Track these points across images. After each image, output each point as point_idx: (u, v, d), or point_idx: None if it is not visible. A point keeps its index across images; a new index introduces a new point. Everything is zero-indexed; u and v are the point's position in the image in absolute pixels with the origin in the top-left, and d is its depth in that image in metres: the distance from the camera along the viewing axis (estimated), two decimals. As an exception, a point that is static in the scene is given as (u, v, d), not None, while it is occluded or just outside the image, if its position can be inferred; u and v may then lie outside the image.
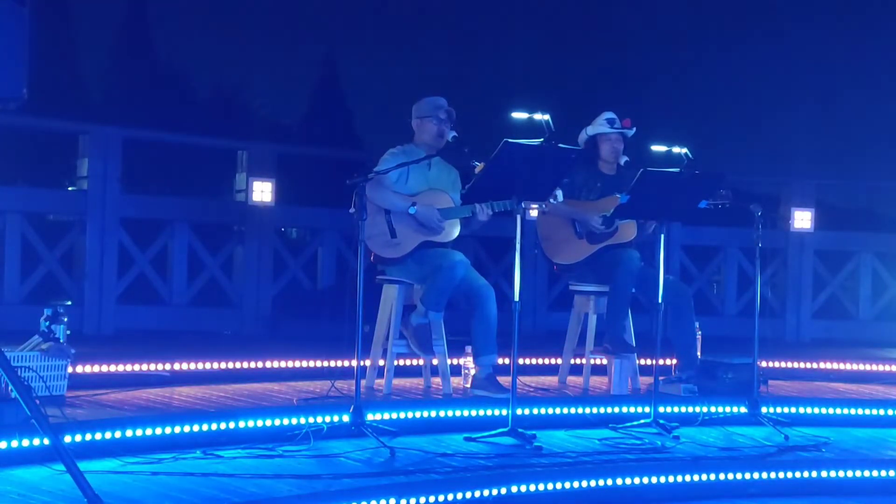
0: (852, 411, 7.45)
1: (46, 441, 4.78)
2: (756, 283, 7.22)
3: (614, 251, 7.34)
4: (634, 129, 7.47)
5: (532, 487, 5.52)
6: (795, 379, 8.43)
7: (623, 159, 7.45)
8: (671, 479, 5.93)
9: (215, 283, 9.34)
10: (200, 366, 7.14)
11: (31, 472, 4.95)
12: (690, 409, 7.09)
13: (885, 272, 10.92)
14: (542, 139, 6.12)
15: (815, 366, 8.79)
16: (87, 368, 6.64)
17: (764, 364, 7.49)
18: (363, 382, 6.25)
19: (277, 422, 5.96)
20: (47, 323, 6.04)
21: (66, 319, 6.11)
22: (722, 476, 6.08)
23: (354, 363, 5.95)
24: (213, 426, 5.78)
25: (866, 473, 6.36)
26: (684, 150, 6.93)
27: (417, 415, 6.43)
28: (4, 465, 5.01)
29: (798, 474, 6.25)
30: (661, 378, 6.84)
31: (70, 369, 6.12)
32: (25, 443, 5.09)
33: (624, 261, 7.26)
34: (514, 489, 5.48)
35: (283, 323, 9.18)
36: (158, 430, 5.59)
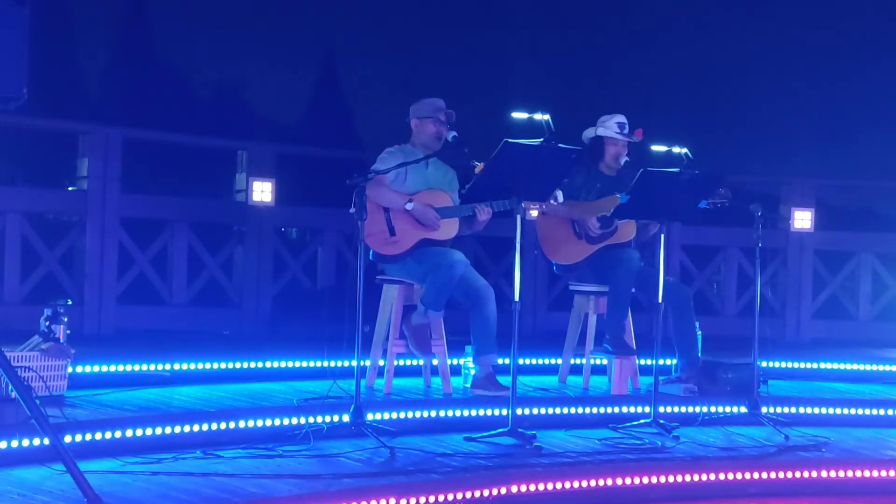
0: (852, 411, 7.46)
1: (46, 441, 4.78)
2: (756, 283, 7.22)
3: (614, 251, 7.35)
4: (643, 139, 7.46)
5: (532, 487, 5.52)
6: (795, 379, 8.43)
7: (623, 160, 7.44)
8: (671, 479, 5.94)
9: (215, 283, 9.32)
10: (200, 366, 7.14)
11: (31, 472, 4.96)
12: (690, 409, 7.09)
13: (885, 272, 10.91)
14: (542, 139, 6.12)
15: (815, 366, 8.79)
16: (87, 368, 6.64)
17: (764, 364, 7.49)
18: (363, 382, 6.25)
19: (277, 422, 5.97)
20: (47, 323, 6.04)
21: (66, 319, 6.11)
22: (722, 476, 6.08)
23: (354, 363, 5.95)
24: (213, 426, 5.79)
25: (866, 473, 6.37)
26: (684, 150, 6.93)
27: (417, 415, 6.43)
28: (4, 465, 5.01)
29: (798, 474, 6.25)
30: (661, 378, 6.84)
31: (70, 369, 6.12)
32: (25, 443, 5.10)
33: (624, 261, 7.26)
34: (514, 489, 5.48)
35: (283, 323, 9.17)
36: (158, 430, 5.60)
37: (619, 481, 5.81)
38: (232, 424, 5.85)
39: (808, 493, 6.23)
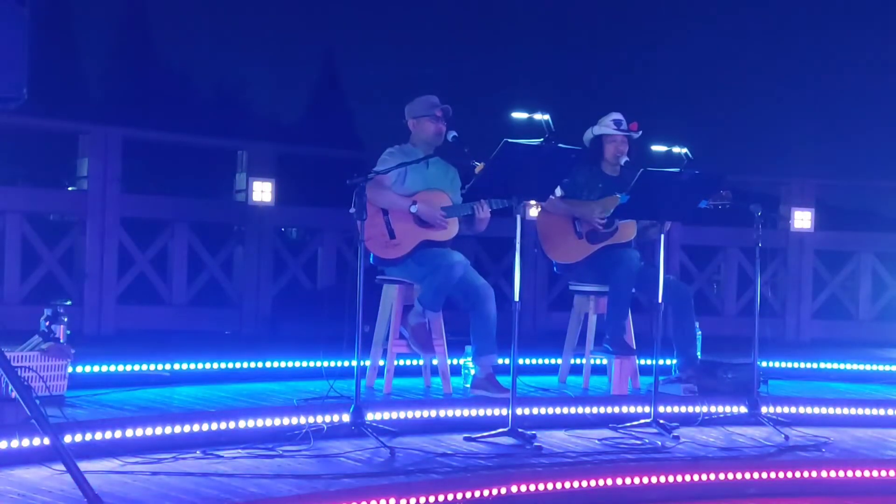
0: (852, 411, 7.45)
1: (46, 441, 4.78)
2: (756, 283, 7.22)
3: (614, 251, 7.35)
4: (641, 132, 7.46)
5: (532, 487, 5.52)
6: (795, 379, 8.43)
7: (623, 159, 7.45)
8: (671, 479, 5.93)
9: (215, 283, 9.32)
10: (200, 366, 7.14)
11: (31, 472, 4.95)
12: (690, 409, 7.09)
13: (885, 272, 10.91)
14: (542, 139, 6.12)
15: (815, 366, 8.80)
16: (87, 368, 6.64)
17: (764, 364, 7.49)
18: (363, 382, 6.25)
19: (277, 422, 5.96)
20: (47, 323, 6.04)
21: (66, 319, 6.11)
22: (722, 476, 6.08)
23: (354, 363, 5.95)
24: (213, 426, 5.78)
25: (866, 473, 6.36)
26: (684, 150, 6.93)
27: (417, 415, 6.43)
28: (4, 465, 5.01)
29: (798, 474, 6.25)
30: (661, 378, 6.84)
31: (70, 369, 6.12)
32: (25, 443, 5.10)
33: (624, 261, 7.26)
34: (514, 489, 5.48)
35: (283, 323, 9.17)
36: (158, 430, 5.60)
37: (619, 481, 5.81)
38: (232, 424, 5.84)
39: (808, 493, 6.23)
